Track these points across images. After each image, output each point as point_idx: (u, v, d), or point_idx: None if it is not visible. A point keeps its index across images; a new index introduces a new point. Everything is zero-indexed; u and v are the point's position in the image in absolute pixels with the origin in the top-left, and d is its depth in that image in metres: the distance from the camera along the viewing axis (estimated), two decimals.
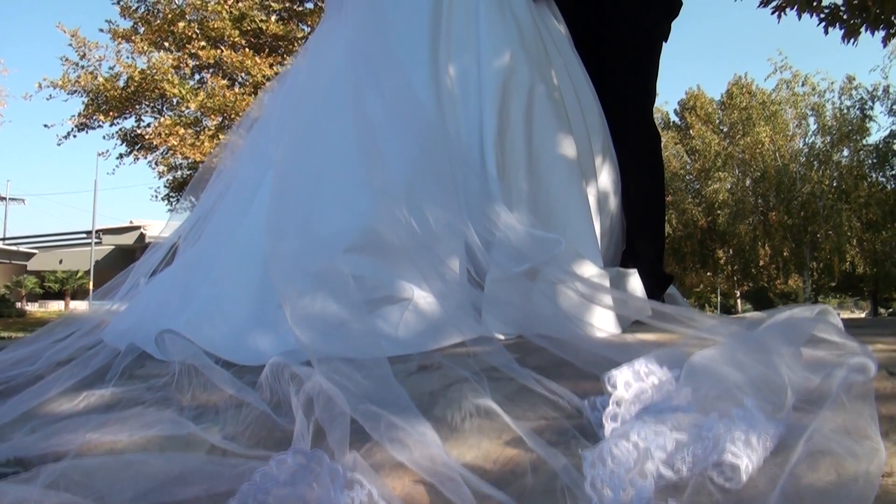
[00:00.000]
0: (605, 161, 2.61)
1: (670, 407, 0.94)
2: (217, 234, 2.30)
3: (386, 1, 2.52)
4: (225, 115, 19.32)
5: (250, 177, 2.32)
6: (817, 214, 34.02)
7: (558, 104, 2.39)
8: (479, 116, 2.25)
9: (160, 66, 18.59)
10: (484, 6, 2.46)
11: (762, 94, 36.41)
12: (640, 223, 2.74)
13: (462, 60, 2.35)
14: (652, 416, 0.92)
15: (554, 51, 2.58)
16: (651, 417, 0.92)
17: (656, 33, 2.94)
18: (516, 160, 2.22)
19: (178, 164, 20.76)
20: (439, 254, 1.90)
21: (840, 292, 62.26)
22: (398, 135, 2.11)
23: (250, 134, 2.62)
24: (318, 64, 2.41)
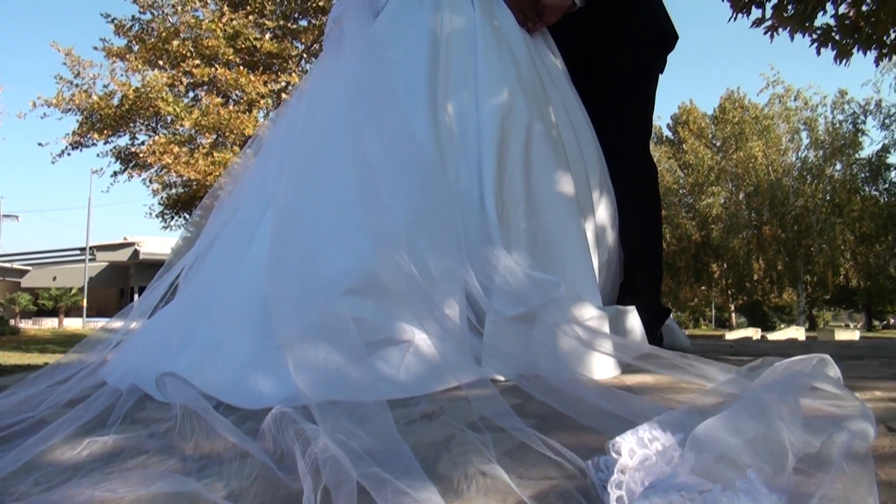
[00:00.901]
0: (603, 195, 2.62)
1: (675, 485, 0.95)
2: (217, 272, 2.31)
3: (384, 39, 2.54)
4: (219, 133, 19.35)
5: (250, 215, 2.32)
6: (811, 228, 34.18)
7: (556, 142, 2.41)
8: (477, 155, 2.26)
9: (154, 85, 18.61)
10: (482, 43, 2.48)
11: (755, 108, 36.64)
12: (637, 256, 2.75)
13: (460, 98, 2.37)
14: (659, 495, 0.93)
15: (551, 87, 2.60)
16: (658, 498, 0.93)
17: (652, 66, 2.97)
18: (515, 199, 2.24)
19: (173, 182, 20.76)
20: (439, 297, 1.91)
21: (834, 305, 62.42)
22: (398, 176, 2.12)
23: (249, 171, 2.62)
24: (317, 102, 2.42)
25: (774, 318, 61.09)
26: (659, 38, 2.96)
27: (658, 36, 2.95)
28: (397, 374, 1.85)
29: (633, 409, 1.38)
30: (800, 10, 7.09)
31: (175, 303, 2.40)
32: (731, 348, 3.55)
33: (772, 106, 35.77)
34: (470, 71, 2.43)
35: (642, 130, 2.91)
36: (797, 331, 15.15)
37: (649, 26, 2.93)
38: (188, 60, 19.15)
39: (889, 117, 33.64)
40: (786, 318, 59.31)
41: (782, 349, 3.45)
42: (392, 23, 2.60)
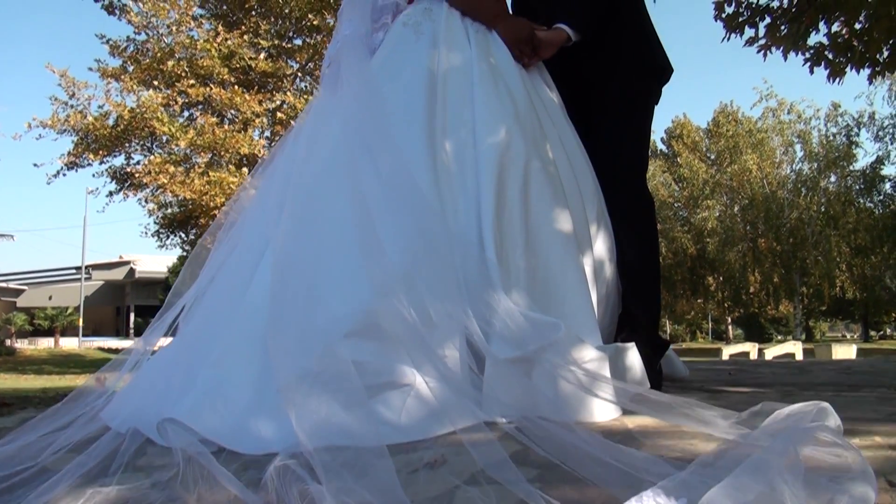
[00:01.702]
0: (600, 229, 2.63)
1: None
2: (217, 311, 2.31)
3: (381, 76, 2.55)
4: (215, 153, 19.37)
5: (249, 255, 2.32)
6: (806, 241, 34.26)
7: (553, 178, 2.42)
8: (476, 194, 2.27)
9: (149, 105, 18.64)
10: (478, 81, 2.50)
11: (748, 121, 36.76)
12: (635, 290, 2.76)
13: (458, 136, 2.38)
14: None
15: (548, 122, 2.61)
16: None
17: (647, 99, 2.98)
18: (514, 237, 2.24)
19: (168, 202, 20.76)
20: (439, 341, 1.92)
21: (830, 316, 62.47)
22: (396, 218, 2.12)
23: (247, 209, 2.63)
24: (315, 141, 2.43)
25: (771, 329, 61.12)
26: (654, 71, 2.98)
27: (653, 69, 2.97)
28: (398, 417, 1.85)
29: (635, 461, 1.38)
30: (793, 31, 7.13)
31: (175, 342, 2.40)
32: (730, 375, 3.55)
33: (765, 119, 35.92)
34: (467, 109, 2.44)
35: (638, 162, 2.92)
36: (794, 345, 15.14)
37: (644, 59, 2.94)
38: (183, 80, 19.19)
39: (883, 129, 33.81)
40: (782, 329, 59.35)
41: (780, 378, 3.45)
42: (389, 60, 2.61)
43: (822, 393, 2.64)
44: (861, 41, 7.43)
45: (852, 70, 7.73)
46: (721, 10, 7.63)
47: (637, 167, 2.90)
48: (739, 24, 7.59)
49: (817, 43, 7.51)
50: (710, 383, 3.11)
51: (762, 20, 7.54)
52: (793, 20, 7.11)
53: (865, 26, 7.34)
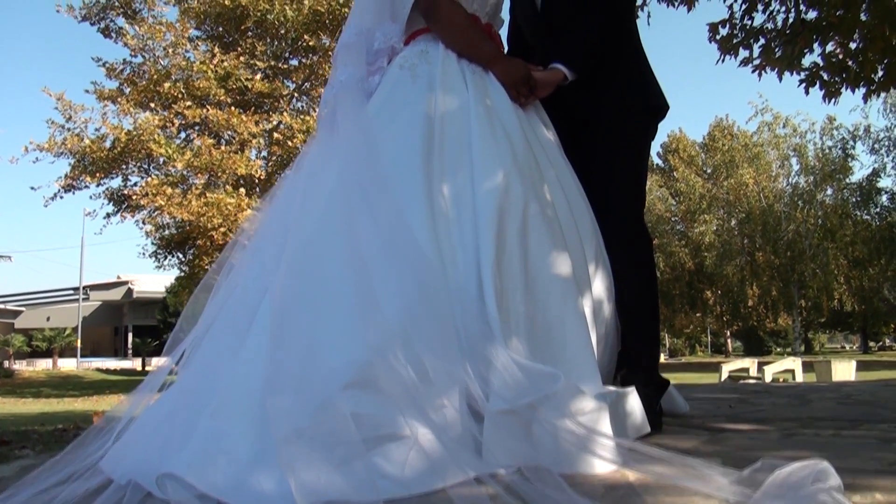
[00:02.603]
0: (598, 268, 2.63)
1: None
2: (215, 359, 2.29)
3: (378, 121, 2.55)
4: (211, 174, 19.41)
5: (247, 302, 2.31)
6: (803, 254, 34.29)
7: (552, 221, 2.42)
8: (474, 240, 2.27)
9: (146, 127, 18.69)
10: (475, 124, 2.50)
11: (744, 136, 36.86)
12: (634, 329, 2.76)
13: (456, 181, 2.38)
14: None
15: (545, 162, 2.61)
16: None
17: (644, 136, 2.99)
18: (514, 283, 2.24)
19: (166, 224, 20.78)
20: (437, 398, 1.91)
21: (829, 328, 62.48)
22: (393, 271, 2.11)
23: (245, 253, 2.62)
24: (312, 188, 2.43)
25: (770, 342, 61.13)
26: (651, 109, 2.99)
27: (650, 107, 2.98)
28: (398, 471, 1.85)
29: None
30: (787, 53, 7.16)
31: (174, 389, 2.39)
32: (731, 408, 3.54)
33: (761, 133, 36.00)
34: (464, 152, 2.44)
35: (636, 201, 2.92)
36: (793, 361, 15.12)
37: (641, 98, 2.95)
38: (180, 102, 19.26)
39: (878, 142, 33.90)
40: (781, 341, 59.38)
41: (780, 411, 3.45)
42: (386, 104, 2.61)
43: (822, 431, 2.63)
44: (856, 61, 7.46)
45: (847, 90, 7.76)
46: (715, 32, 7.67)
47: (634, 206, 2.90)
48: (734, 45, 7.62)
49: (812, 63, 7.54)
50: (710, 419, 3.10)
51: (756, 42, 7.58)
52: (787, 42, 7.14)
53: (860, 46, 7.37)
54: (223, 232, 18.51)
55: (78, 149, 19.36)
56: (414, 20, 2.80)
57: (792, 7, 7.18)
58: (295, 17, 19.61)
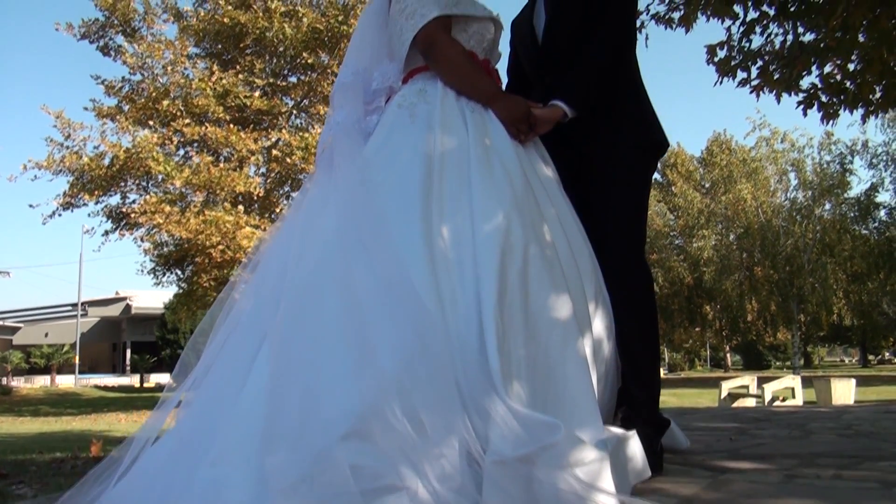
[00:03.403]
0: (598, 307, 2.62)
1: None
2: (214, 405, 2.28)
3: (376, 162, 2.54)
4: (210, 191, 19.39)
5: (245, 347, 2.30)
6: (802, 268, 34.29)
7: (552, 262, 2.40)
8: (475, 283, 2.25)
9: (145, 145, 18.68)
10: (475, 164, 2.48)
11: (742, 151, 36.92)
12: (634, 368, 2.74)
13: (455, 222, 2.36)
14: None
15: (545, 200, 2.60)
16: None
17: (645, 173, 2.98)
18: (515, 326, 2.22)
19: (164, 241, 20.75)
20: (434, 451, 1.89)
21: (829, 342, 62.52)
22: (390, 320, 2.09)
23: (246, 293, 2.60)
24: (311, 232, 2.41)
25: (769, 356, 61.12)
26: (651, 146, 2.98)
27: (651, 144, 2.97)
28: None
29: None
30: (785, 76, 7.16)
31: (173, 435, 2.37)
32: (731, 441, 3.53)
33: (759, 148, 36.06)
34: (464, 194, 2.42)
35: (635, 237, 2.90)
36: (793, 379, 15.07)
37: (642, 135, 2.94)
38: (178, 119, 19.26)
39: (876, 157, 33.97)
40: (781, 356, 59.38)
41: (781, 445, 3.43)
42: (384, 145, 2.60)
43: (823, 472, 2.62)
44: (853, 82, 7.46)
45: (845, 111, 7.76)
46: (713, 54, 7.67)
47: (634, 244, 2.88)
48: (732, 67, 7.62)
49: (810, 85, 7.53)
50: (711, 455, 3.09)
51: (754, 64, 7.58)
52: (785, 65, 7.14)
53: (858, 67, 7.37)
54: (221, 249, 18.49)
55: (76, 167, 19.34)
56: (412, 58, 2.80)
57: (790, 30, 7.18)
58: (294, 34, 19.64)
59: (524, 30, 3.20)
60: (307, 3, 20.61)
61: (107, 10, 19.95)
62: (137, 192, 20.73)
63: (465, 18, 2.83)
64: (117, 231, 21.17)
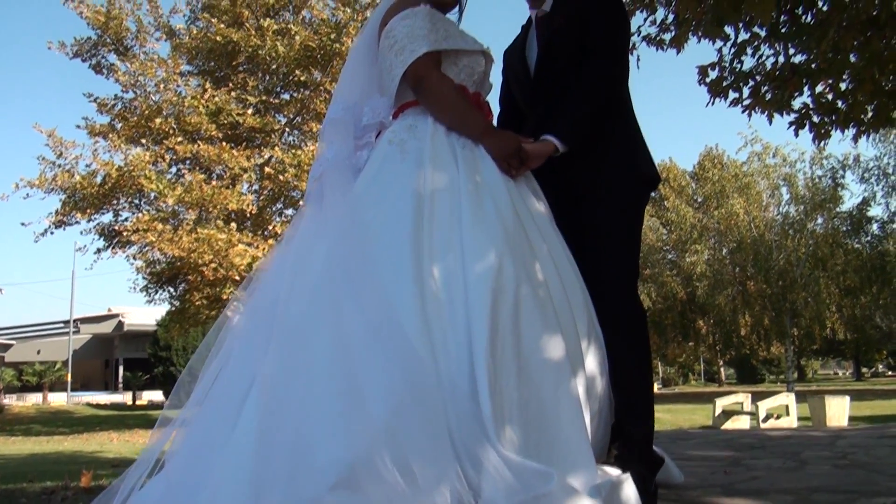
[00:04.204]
0: (591, 343, 2.59)
1: None
2: (203, 448, 2.25)
3: (366, 199, 2.51)
4: (202, 208, 19.33)
5: (235, 390, 2.27)
6: (795, 283, 34.31)
7: (544, 302, 2.38)
8: (466, 322, 2.22)
9: (137, 163, 18.64)
10: (466, 202, 2.45)
11: (734, 165, 37.00)
12: (628, 405, 2.71)
13: (446, 262, 2.33)
14: None
15: (536, 237, 2.57)
16: None
17: (637, 209, 2.96)
18: (507, 369, 2.20)
19: (157, 260, 20.68)
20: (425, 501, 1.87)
21: (822, 355, 62.54)
22: (381, 367, 2.06)
23: (234, 332, 2.57)
24: (301, 271, 2.38)
25: (763, 370, 61.09)
26: (643, 181, 2.96)
27: (642, 179, 2.96)
28: None
29: None
30: (777, 97, 7.17)
31: (162, 479, 2.34)
32: (725, 474, 3.50)
33: (751, 163, 36.16)
34: (455, 232, 2.40)
35: (628, 271, 2.88)
36: (787, 397, 15.06)
37: (634, 170, 2.93)
38: (171, 137, 19.22)
39: (868, 171, 34.04)
40: (774, 369, 59.36)
41: (776, 478, 3.40)
42: (374, 181, 2.58)
43: None
44: (845, 102, 7.48)
45: (837, 130, 7.77)
46: (705, 74, 7.67)
47: (626, 280, 2.86)
48: (724, 88, 7.63)
49: (802, 105, 7.54)
50: (706, 490, 3.07)
51: (746, 85, 7.58)
52: (777, 87, 7.15)
53: (849, 87, 7.39)
54: (213, 267, 18.42)
55: (69, 185, 19.28)
56: (402, 92, 2.78)
57: (781, 51, 7.19)
58: (286, 52, 19.63)
59: (516, 61, 3.18)
60: (300, 22, 20.61)
61: (99, 28, 19.94)
62: (130, 210, 20.67)
63: (456, 52, 2.82)
64: (110, 249, 21.10)
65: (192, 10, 21.42)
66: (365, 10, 19.67)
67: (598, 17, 2.90)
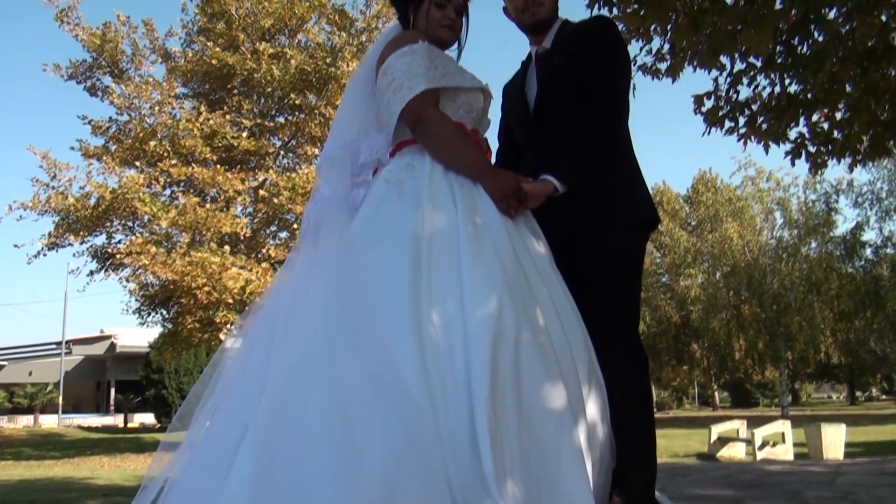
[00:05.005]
0: (592, 388, 2.54)
1: None
2: (195, 498, 2.20)
3: (363, 240, 2.47)
4: (196, 231, 19.27)
5: (227, 437, 2.21)
6: (789, 307, 34.30)
7: (545, 349, 2.33)
8: (465, 370, 2.16)
9: (131, 185, 18.57)
10: (465, 243, 2.41)
11: (727, 189, 37.08)
12: (628, 447, 2.66)
13: (445, 307, 2.28)
14: None
15: (536, 280, 2.53)
16: None
17: (637, 250, 2.92)
18: (508, 419, 2.14)
19: (150, 283, 20.57)
20: None
21: (816, 379, 62.54)
22: (378, 415, 2.00)
23: (227, 377, 2.51)
24: (296, 311, 2.33)
25: (758, 394, 61.06)
26: (643, 223, 2.93)
27: (643, 221, 2.92)
28: None
29: None
30: (773, 127, 7.16)
31: None
32: None
33: (744, 188, 36.26)
34: (454, 275, 2.34)
35: (629, 316, 2.84)
36: (783, 424, 15.01)
37: (632, 211, 2.89)
38: (165, 160, 19.17)
39: (861, 195, 34.15)
40: (769, 393, 59.35)
41: None
42: (371, 222, 2.53)
43: None
44: (841, 132, 7.48)
45: (833, 160, 7.77)
46: (700, 104, 7.67)
47: (628, 322, 2.82)
48: (720, 118, 7.62)
49: (798, 134, 7.53)
50: None
51: (742, 114, 7.58)
52: (774, 117, 7.14)
53: (846, 116, 7.39)
54: (207, 291, 18.33)
55: (62, 207, 19.20)
56: (400, 129, 2.75)
57: (777, 81, 7.19)
58: (282, 76, 19.64)
59: (515, 97, 3.15)
60: (295, 46, 20.63)
61: (95, 51, 19.94)
62: (123, 233, 20.58)
63: (454, 89, 2.78)
64: (103, 271, 21.00)
65: (188, 34, 21.44)
66: (360, 35, 19.74)
67: (598, 57, 2.87)
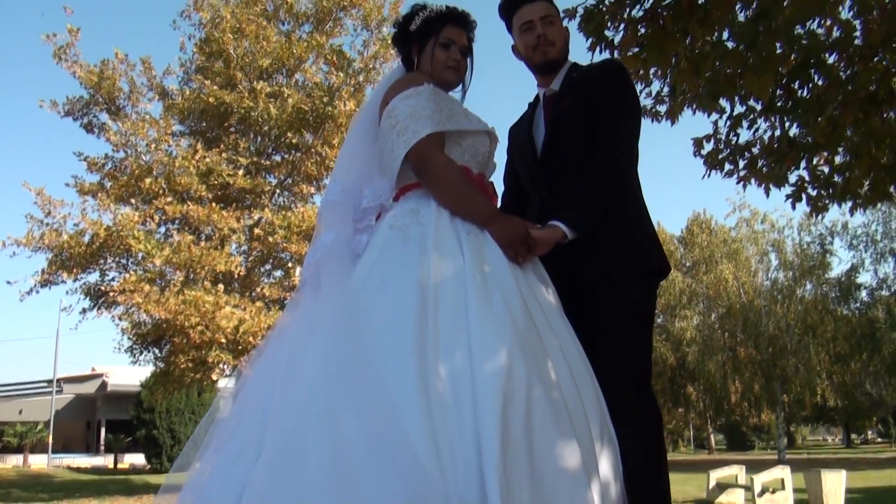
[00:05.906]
0: (605, 445, 2.42)
1: None
2: None
3: (366, 288, 2.36)
4: (190, 269, 19.13)
5: (222, 498, 2.11)
6: (785, 349, 34.16)
7: (557, 405, 2.22)
8: (474, 428, 2.05)
9: (126, 223, 18.47)
10: (472, 293, 2.30)
11: (722, 231, 37.10)
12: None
13: (453, 361, 2.17)
14: None
15: (547, 331, 2.42)
16: None
17: (648, 301, 2.83)
18: (519, 480, 2.03)
19: (143, 321, 20.39)
20: None
21: (812, 422, 62.14)
22: (383, 480, 1.89)
23: (222, 429, 2.40)
24: (296, 363, 2.22)
25: (753, 437, 60.70)
26: (654, 273, 2.84)
27: (653, 272, 2.84)
28: None
29: None
30: (774, 170, 7.12)
31: None
32: None
33: (739, 229, 36.28)
34: (461, 326, 2.24)
35: (640, 369, 2.74)
36: (783, 470, 14.81)
37: (642, 260, 2.81)
38: (160, 197, 19.09)
39: (856, 238, 34.16)
40: (764, 436, 58.99)
41: None
42: (375, 269, 2.43)
43: None
44: (841, 176, 7.44)
45: (833, 204, 7.73)
46: (700, 147, 7.64)
47: (641, 375, 2.72)
48: (719, 161, 7.58)
49: (798, 178, 7.49)
50: None
51: (741, 157, 7.54)
52: (775, 160, 7.10)
53: (846, 160, 7.35)
54: (200, 330, 18.17)
55: (56, 244, 19.08)
56: (404, 173, 2.66)
57: (778, 125, 7.15)
58: (279, 114, 19.64)
59: (522, 140, 3.08)
60: (292, 85, 20.67)
61: (92, 88, 19.96)
62: (117, 270, 20.43)
63: (460, 133, 2.71)
64: (95, 309, 20.82)
65: (186, 72, 21.47)
66: (357, 75, 19.79)
67: (607, 102, 2.80)
